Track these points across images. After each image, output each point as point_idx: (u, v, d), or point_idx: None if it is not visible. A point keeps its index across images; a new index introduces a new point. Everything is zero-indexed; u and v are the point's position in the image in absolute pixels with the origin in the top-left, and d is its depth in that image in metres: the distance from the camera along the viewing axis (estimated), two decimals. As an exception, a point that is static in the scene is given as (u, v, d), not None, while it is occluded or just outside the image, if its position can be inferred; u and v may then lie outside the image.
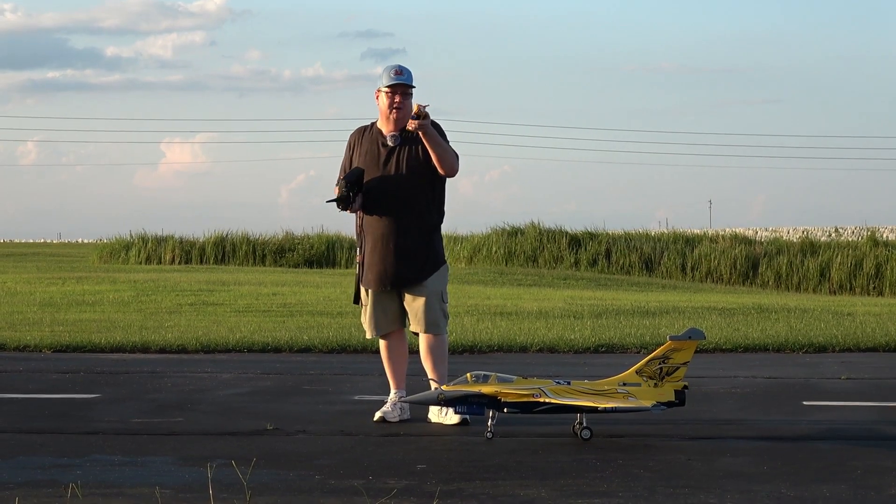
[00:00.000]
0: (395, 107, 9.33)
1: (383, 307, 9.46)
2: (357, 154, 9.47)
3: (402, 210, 9.32)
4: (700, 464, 7.81)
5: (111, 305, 22.30)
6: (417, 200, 9.35)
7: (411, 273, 9.34)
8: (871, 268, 38.78)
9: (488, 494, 6.94)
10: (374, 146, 9.42)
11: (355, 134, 9.57)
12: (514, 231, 44.13)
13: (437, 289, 9.42)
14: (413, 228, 9.34)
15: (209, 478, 6.89)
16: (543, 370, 12.14)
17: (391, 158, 9.35)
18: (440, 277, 9.46)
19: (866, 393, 11.03)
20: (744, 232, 47.34)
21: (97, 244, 52.74)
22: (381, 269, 9.35)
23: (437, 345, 9.40)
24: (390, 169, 9.32)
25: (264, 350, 14.56)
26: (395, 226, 9.31)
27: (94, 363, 13.23)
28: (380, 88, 9.40)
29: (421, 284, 9.37)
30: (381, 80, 9.41)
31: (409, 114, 9.28)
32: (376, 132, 9.48)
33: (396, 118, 9.34)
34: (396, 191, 9.30)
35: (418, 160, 9.33)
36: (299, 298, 23.86)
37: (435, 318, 9.40)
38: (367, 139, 9.48)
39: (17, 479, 7.31)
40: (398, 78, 9.34)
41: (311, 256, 46.56)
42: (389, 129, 9.41)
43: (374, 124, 9.54)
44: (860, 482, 7.27)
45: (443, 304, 9.47)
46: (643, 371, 8.56)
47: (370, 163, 9.36)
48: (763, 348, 14.81)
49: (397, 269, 9.32)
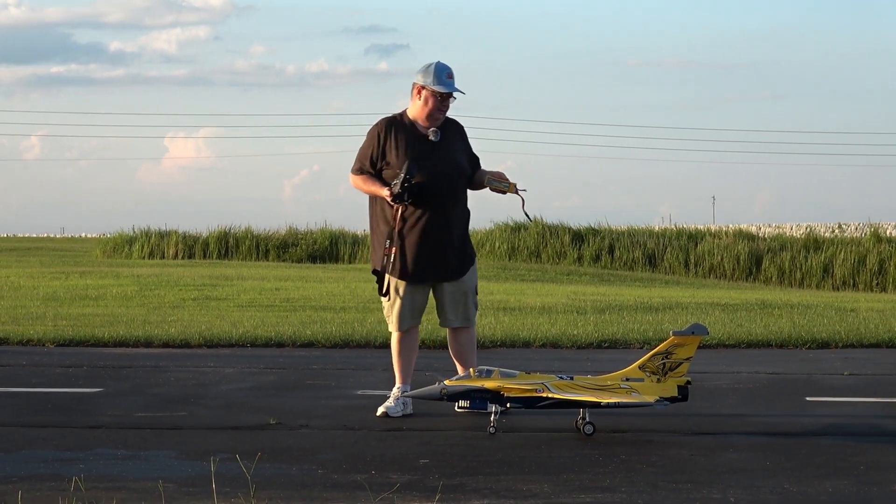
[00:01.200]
0: (442, 110, 9.38)
1: (414, 301, 9.44)
2: (392, 147, 9.37)
3: (448, 204, 9.36)
4: (703, 459, 7.81)
5: (114, 300, 22.31)
6: (459, 195, 9.46)
7: (455, 267, 9.42)
8: (875, 264, 38.72)
9: (491, 489, 6.94)
10: (414, 139, 9.38)
11: (384, 125, 9.46)
12: (517, 226, 44.08)
13: (473, 282, 9.55)
14: (456, 222, 9.42)
15: (212, 472, 6.90)
16: (546, 365, 12.15)
17: (435, 153, 9.33)
18: (475, 271, 9.61)
19: (869, 389, 11.02)
20: (747, 228, 47.26)
21: (100, 239, 52.73)
22: (427, 262, 9.34)
23: (472, 337, 9.52)
24: (436, 164, 9.29)
25: (267, 345, 14.57)
26: (441, 220, 9.33)
27: (98, 357, 13.23)
28: (425, 86, 9.33)
29: (461, 278, 9.45)
30: (426, 78, 9.32)
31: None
32: (411, 125, 9.43)
33: (437, 119, 9.38)
34: (443, 185, 9.31)
35: (459, 156, 9.42)
36: (302, 293, 23.86)
37: (471, 311, 9.51)
38: (404, 132, 9.40)
39: (21, 472, 7.32)
40: (451, 85, 9.34)
41: (314, 251, 46.55)
42: (425, 123, 9.39)
43: (404, 116, 9.49)
44: (863, 478, 7.27)
45: (475, 297, 9.59)
46: (646, 366, 8.57)
47: (412, 156, 9.28)
48: (766, 344, 14.80)
49: (444, 262, 9.36)
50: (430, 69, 9.35)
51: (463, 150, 9.50)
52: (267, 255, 46.15)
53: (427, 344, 14.44)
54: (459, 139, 9.54)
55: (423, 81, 9.35)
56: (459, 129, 9.59)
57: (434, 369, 11.53)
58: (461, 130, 9.60)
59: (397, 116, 9.51)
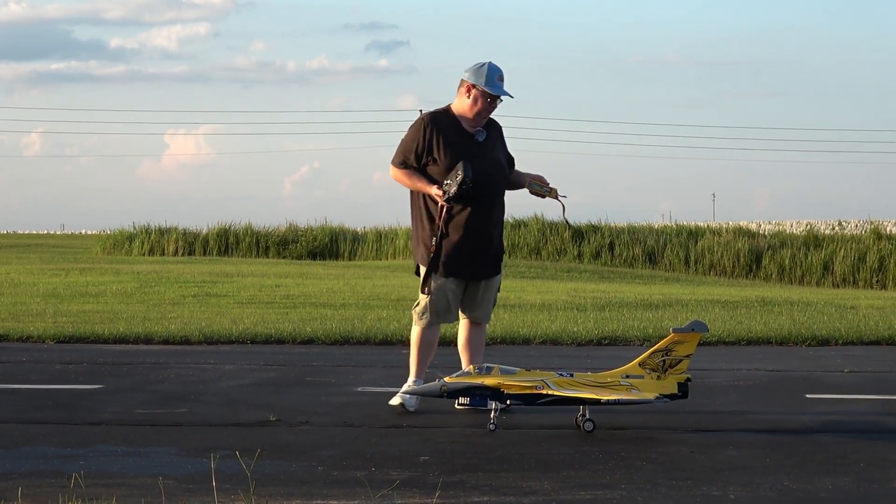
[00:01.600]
0: (490, 112, 9.39)
1: (451, 298, 9.45)
2: (438, 143, 9.31)
3: (491, 204, 9.40)
4: (703, 456, 7.81)
5: (114, 296, 22.31)
6: (502, 195, 9.51)
7: (494, 265, 9.51)
8: (875, 261, 38.73)
9: (491, 486, 6.94)
10: (461, 138, 9.36)
11: (429, 120, 9.39)
12: (517, 223, 44.07)
13: (500, 280, 9.67)
14: (497, 222, 9.49)
15: (212, 468, 6.89)
16: (546, 362, 12.15)
17: (481, 154, 9.34)
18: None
19: (869, 386, 11.03)
20: (747, 225, 47.26)
21: (101, 235, 52.72)
22: (470, 260, 9.37)
23: (482, 334, 9.65)
24: (482, 164, 9.29)
25: (267, 341, 14.57)
26: (485, 219, 9.37)
27: (98, 354, 13.23)
28: (476, 85, 9.29)
29: (495, 276, 9.55)
30: (478, 77, 9.27)
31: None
32: (455, 122, 9.40)
33: (484, 119, 9.41)
34: (489, 186, 9.33)
35: (501, 155, 9.48)
36: (302, 290, 23.87)
37: (490, 308, 9.65)
38: (450, 129, 9.36)
39: (21, 469, 7.32)
40: (502, 88, 9.32)
41: (314, 248, 46.55)
42: (471, 123, 9.38)
43: (449, 112, 9.44)
44: (863, 475, 7.27)
45: (497, 294, 9.72)
46: (646, 363, 8.56)
47: (460, 154, 9.27)
48: (766, 341, 14.81)
49: (485, 261, 9.42)
50: (483, 69, 9.31)
51: (503, 150, 9.55)
52: (267, 251, 46.15)
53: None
54: (500, 139, 9.57)
55: (474, 80, 9.30)
56: (499, 129, 9.61)
57: (434, 366, 11.54)
58: (501, 130, 9.62)
59: (441, 111, 9.46)
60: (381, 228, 48.21)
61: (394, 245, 46.43)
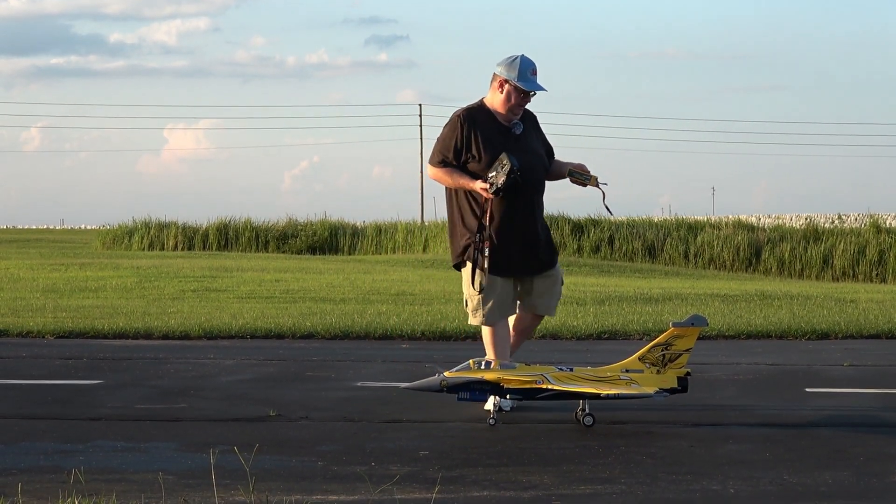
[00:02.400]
0: (523, 106, 9.26)
1: (504, 295, 9.28)
2: (476, 138, 9.22)
3: (534, 197, 9.30)
4: (702, 450, 7.81)
5: (114, 291, 22.31)
6: (542, 186, 9.39)
7: (547, 258, 9.35)
8: (874, 255, 38.75)
9: (491, 481, 6.94)
10: (499, 133, 9.25)
11: (465, 116, 9.28)
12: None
13: (559, 273, 9.48)
14: (540, 214, 9.39)
15: (212, 464, 6.89)
16: (546, 357, 12.15)
17: (519, 145, 9.23)
18: (558, 262, 9.56)
19: (869, 380, 11.02)
20: (747, 219, 47.24)
21: (100, 230, 52.75)
22: (518, 256, 9.23)
23: (536, 325, 9.58)
24: (523, 156, 9.16)
25: (267, 336, 14.56)
26: (529, 212, 9.26)
27: (97, 349, 13.23)
28: (509, 80, 9.18)
29: (551, 270, 9.39)
30: (510, 72, 9.16)
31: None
32: (491, 117, 9.29)
33: (518, 113, 9.29)
34: (531, 178, 9.19)
35: (540, 147, 9.37)
36: (302, 285, 23.87)
37: (554, 301, 9.44)
38: (485, 122, 9.27)
39: (20, 464, 7.32)
40: (535, 83, 9.21)
41: (314, 243, 46.60)
42: (506, 117, 9.26)
43: (482, 107, 9.32)
44: (862, 469, 7.28)
45: (561, 287, 9.51)
46: (646, 358, 8.56)
47: (498, 147, 9.16)
48: (766, 335, 14.80)
49: (534, 256, 9.27)
50: (515, 63, 9.19)
51: (540, 141, 9.43)
52: (266, 246, 46.20)
53: (426, 335, 14.45)
54: (536, 129, 9.47)
55: (506, 75, 9.18)
56: (534, 119, 9.50)
57: (434, 361, 11.55)
58: (536, 121, 9.52)
59: (475, 107, 9.34)
60: (381, 223, 48.26)
61: (393, 239, 46.45)
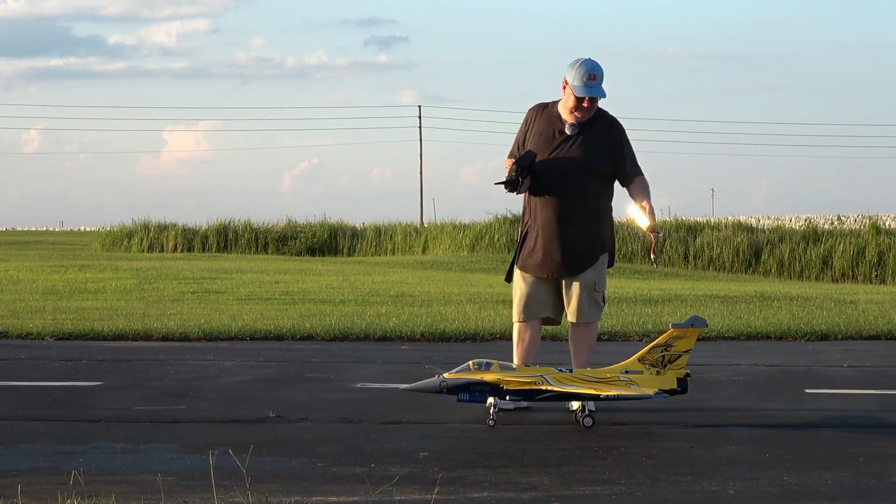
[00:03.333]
0: (585, 109, 9.17)
1: (534, 294, 9.31)
2: (532, 133, 9.30)
3: (566, 198, 9.20)
4: (702, 451, 7.81)
5: (113, 293, 22.30)
6: (583, 190, 9.21)
7: (571, 262, 9.22)
8: (874, 256, 38.74)
9: (490, 482, 6.94)
10: (551, 130, 9.26)
11: (534, 110, 9.39)
12: (516, 219, 44.06)
13: (591, 278, 9.26)
14: (580, 218, 9.23)
15: (211, 465, 6.89)
16: (545, 358, 12.14)
17: (565, 145, 9.21)
18: (598, 267, 9.32)
19: (868, 381, 11.02)
20: (746, 220, 47.24)
21: (99, 232, 52.76)
22: (544, 256, 9.24)
23: (587, 332, 9.31)
24: (565, 157, 9.17)
25: (266, 338, 14.56)
26: (562, 215, 9.20)
27: (97, 351, 13.23)
28: (568, 83, 9.15)
29: (577, 274, 9.26)
30: (571, 76, 9.11)
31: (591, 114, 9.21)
32: (555, 115, 9.31)
33: (578, 117, 9.22)
34: (563, 178, 9.17)
35: (593, 153, 9.18)
36: (301, 286, 23.86)
37: (586, 306, 9.26)
38: (545, 120, 9.31)
39: (20, 466, 7.32)
40: (590, 89, 9.08)
41: (313, 244, 46.59)
42: (571, 117, 9.25)
43: (555, 105, 9.36)
44: (862, 470, 7.28)
45: (595, 294, 9.30)
46: (645, 359, 8.56)
47: (542, 145, 9.20)
48: (765, 336, 14.79)
49: (559, 258, 9.21)
50: (576, 68, 9.11)
51: (602, 148, 9.21)
52: (266, 248, 46.21)
53: (426, 337, 14.45)
54: (604, 137, 9.26)
55: (569, 78, 9.15)
56: (608, 127, 9.30)
57: (433, 362, 11.54)
58: (610, 129, 9.30)
59: (548, 104, 9.39)
60: (381, 224, 48.28)
61: (393, 241, 46.46)
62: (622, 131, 9.33)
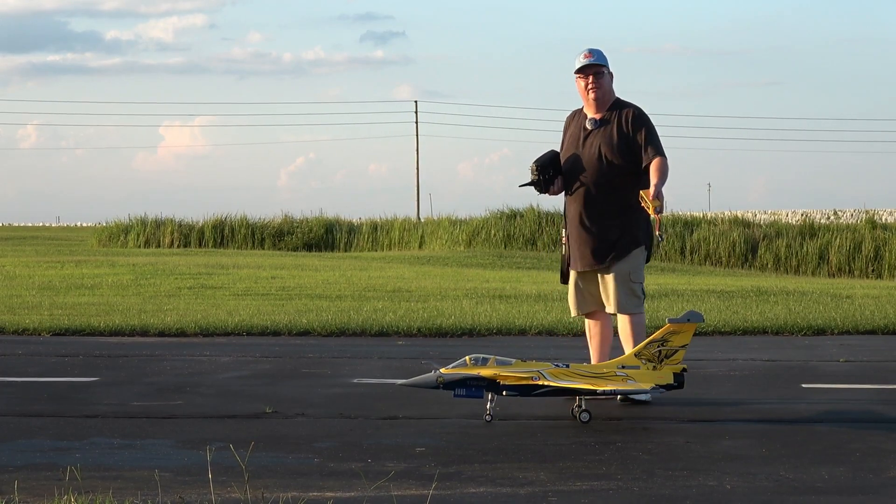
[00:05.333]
0: (590, 88, 9.41)
1: (583, 287, 9.58)
2: (564, 134, 9.65)
3: (592, 192, 9.40)
4: (699, 446, 7.81)
5: (110, 289, 22.29)
6: (607, 184, 9.37)
7: (602, 254, 9.43)
8: (870, 250, 38.73)
9: (487, 477, 6.94)
10: (577, 128, 9.54)
11: (569, 117, 9.73)
12: (513, 214, 44.09)
13: (624, 269, 9.41)
14: (604, 211, 9.39)
15: (208, 461, 6.88)
16: (542, 353, 12.15)
17: (587, 141, 9.43)
18: (631, 259, 9.45)
19: (865, 375, 11.03)
20: (743, 215, 47.24)
21: (96, 228, 52.72)
22: (578, 249, 9.49)
23: (628, 324, 9.44)
24: (586, 152, 9.39)
25: (263, 333, 14.56)
26: (586, 209, 9.42)
27: (93, 347, 13.22)
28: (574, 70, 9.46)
29: (609, 265, 9.42)
30: (574, 64, 9.46)
31: (606, 94, 9.43)
32: (582, 115, 9.59)
33: (595, 98, 9.41)
34: (588, 173, 9.39)
35: (612, 144, 9.36)
36: (298, 282, 23.85)
37: (622, 298, 9.42)
38: (575, 121, 9.63)
39: (17, 462, 7.32)
40: (588, 61, 9.41)
41: (309, 240, 46.57)
42: (590, 110, 9.49)
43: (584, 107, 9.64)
44: (859, 464, 7.28)
45: (632, 285, 9.43)
46: (642, 354, 8.56)
47: (571, 144, 9.52)
48: (762, 331, 14.81)
49: (590, 249, 9.43)
50: (578, 55, 9.51)
51: (620, 139, 9.37)
52: (262, 243, 46.18)
53: (423, 332, 14.45)
54: (621, 127, 9.41)
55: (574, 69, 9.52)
56: (625, 115, 9.47)
57: (430, 357, 11.54)
58: (627, 117, 9.46)
59: (579, 109, 9.69)
60: (377, 220, 48.25)
61: (389, 236, 46.44)
62: (639, 117, 9.47)
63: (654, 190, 9.13)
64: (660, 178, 9.17)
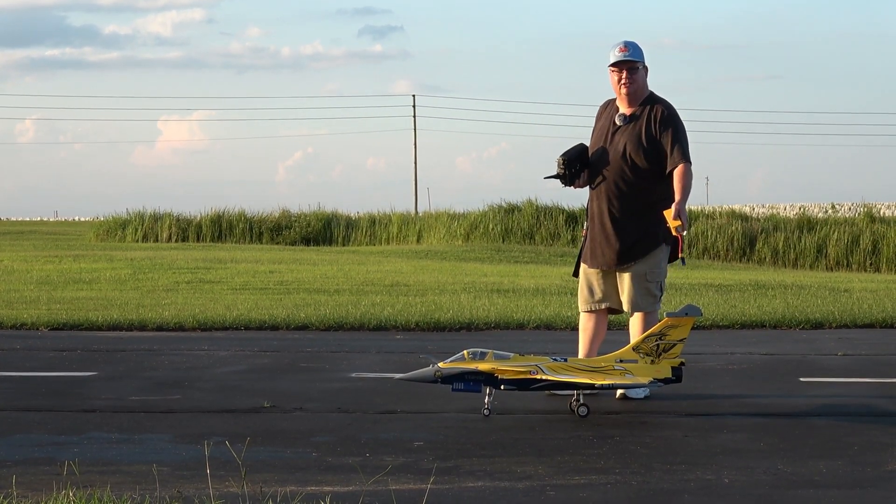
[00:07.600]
0: (623, 83, 9.31)
1: (590, 284, 9.49)
2: (595, 128, 9.56)
3: (614, 190, 9.31)
4: (697, 440, 7.82)
5: (108, 283, 22.28)
6: (631, 182, 9.27)
7: (621, 255, 9.32)
8: (868, 244, 38.75)
9: (485, 471, 6.94)
10: (607, 122, 9.45)
11: (601, 107, 9.65)
12: (511, 208, 44.10)
13: (641, 270, 9.31)
14: (626, 209, 9.29)
15: (206, 455, 6.88)
16: (540, 347, 12.15)
17: (615, 137, 9.33)
18: (650, 259, 9.33)
19: (863, 369, 11.03)
20: (741, 208, 47.26)
21: (94, 222, 52.68)
22: (595, 248, 9.41)
23: (641, 321, 9.34)
24: (612, 148, 9.30)
25: (261, 328, 14.55)
26: (608, 206, 9.33)
27: (91, 341, 13.22)
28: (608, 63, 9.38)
29: (628, 264, 9.33)
30: (608, 57, 9.36)
31: (639, 89, 9.32)
32: (613, 107, 9.50)
33: (627, 93, 9.32)
34: (611, 170, 9.28)
35: (638, 144, 9.23)
36: (296, 276, 23.85)
37: (637, 297, 9.33)
38: (605, 113, 9.53)
39: (14, 456, 7.32)
40: (622, 55, 9.30)
41: (308, 234, 46.56)
42: (622, 105, 9.40)
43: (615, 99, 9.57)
44: (857, 458, 7.28)
45: (648, 284, 9.33)
46: (640, 348, 8.56)
47: (598, 138, 9.44)
48: (760, 325, 14.80)
49: (608, 251, 9.34)
50: (611, 47, 9.40)
51: (648, 138, 9.25)
52: (261, 237, 46.17)
53: (421, 326, 14.45)
54: (650, 125, 9.29)
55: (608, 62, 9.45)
56: (655, 114, 9.32)
57: (428, 352, 11.54)
58: (657, 115, 9.31)
59: (613, 99, 9.58)
60: (375, 214, 48.26)
61: (387, 230, 46.43)
62: (668, 117, 9.31)
63: (675, 210, 8.98)
64: (682, 196, 9.04)
